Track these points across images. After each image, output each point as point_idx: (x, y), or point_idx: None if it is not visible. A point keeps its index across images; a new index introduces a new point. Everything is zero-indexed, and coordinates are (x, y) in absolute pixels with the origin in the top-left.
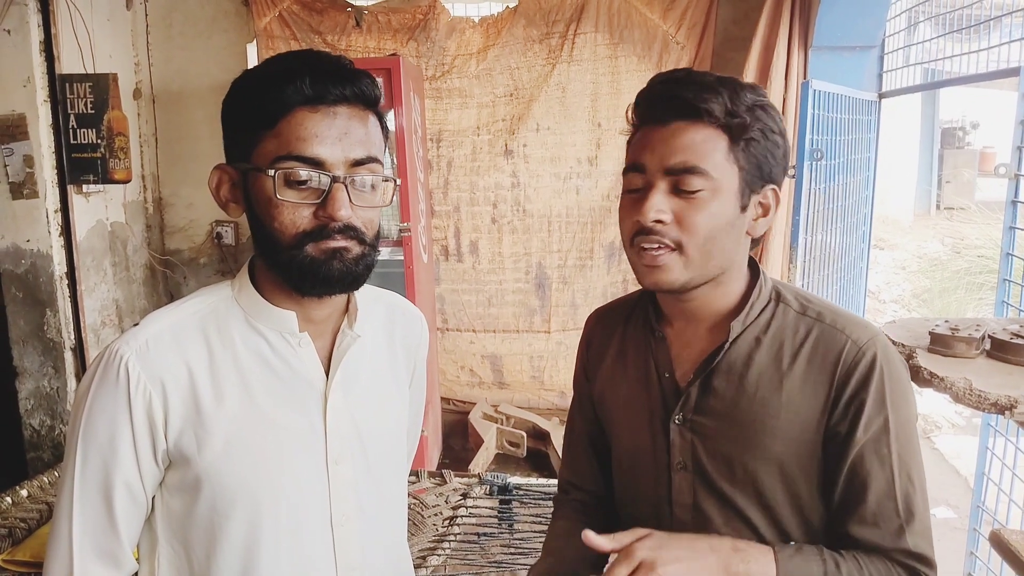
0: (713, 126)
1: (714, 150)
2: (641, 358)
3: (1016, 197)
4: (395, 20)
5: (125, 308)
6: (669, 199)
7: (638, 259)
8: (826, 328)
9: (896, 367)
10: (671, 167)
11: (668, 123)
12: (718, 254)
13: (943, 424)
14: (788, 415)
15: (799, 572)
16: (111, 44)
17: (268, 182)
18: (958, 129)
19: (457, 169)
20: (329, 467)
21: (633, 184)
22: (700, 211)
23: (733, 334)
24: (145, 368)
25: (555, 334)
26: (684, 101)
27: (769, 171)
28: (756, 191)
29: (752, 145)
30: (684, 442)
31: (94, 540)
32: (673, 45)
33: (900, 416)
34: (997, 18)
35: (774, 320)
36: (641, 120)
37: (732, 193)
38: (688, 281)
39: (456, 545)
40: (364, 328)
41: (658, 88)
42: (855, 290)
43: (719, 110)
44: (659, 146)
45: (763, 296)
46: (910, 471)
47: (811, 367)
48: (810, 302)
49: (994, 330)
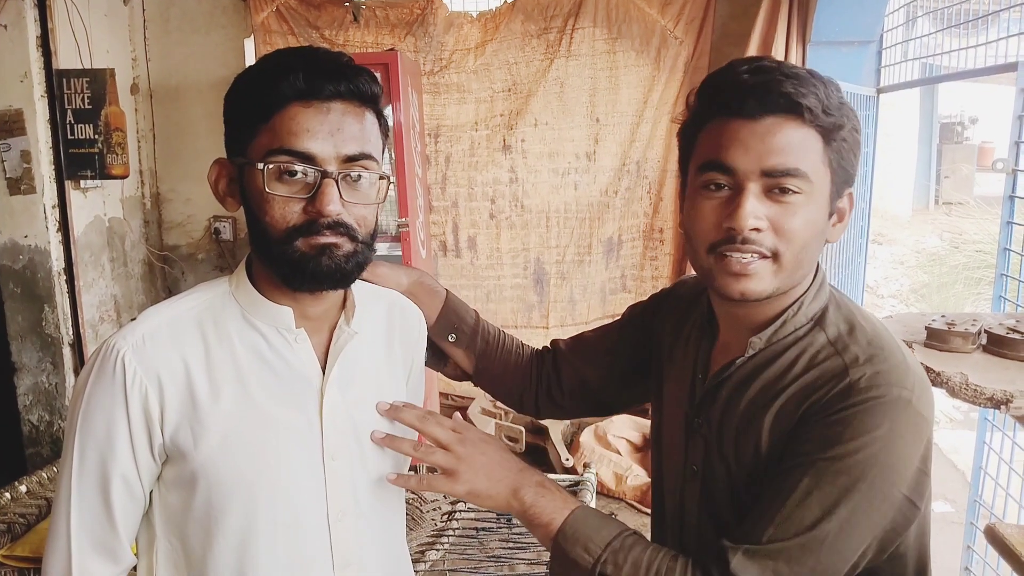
0: (810, 125)
1: (811, 151)
2: (691, 351)
3: (1014, 192)
4: (393, 15)
5: (123, 304)
6: (763, 203)
7: (720, 266)
8: (843, 364)
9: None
10: (770, 169)
11: (760, 117)
12: (807, 263)
13: (941, 419)
14: (769, 436)
15: (586, 526)
16: (108, 39)
17: (259, 175)
18: (957, 124)
19: (455, 164)
20: (326, 463)
21: (713, 185)
22: (797, 217)
23: (751, 350)
24: (141, 363)
25: (553, 329)
26: (783, 94)
27: (852, 173)
28: (841, 195)
29: (843, 146)
30: (696, 446)
31: (92, 534)
32: (671, 40)
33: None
34: (995, 13)
35: (800, 342)
36: (717, 110)
37: (825, 197)
38: (775, 291)
39: (455, 540)
40: (362, 324)
41: (747, 77)
42: (853, 285)
43: (817, 106)
44: (752, 144)
45: (802, 315)
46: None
47: (802, 393)
48: (851, 334)
49: (990, 325)
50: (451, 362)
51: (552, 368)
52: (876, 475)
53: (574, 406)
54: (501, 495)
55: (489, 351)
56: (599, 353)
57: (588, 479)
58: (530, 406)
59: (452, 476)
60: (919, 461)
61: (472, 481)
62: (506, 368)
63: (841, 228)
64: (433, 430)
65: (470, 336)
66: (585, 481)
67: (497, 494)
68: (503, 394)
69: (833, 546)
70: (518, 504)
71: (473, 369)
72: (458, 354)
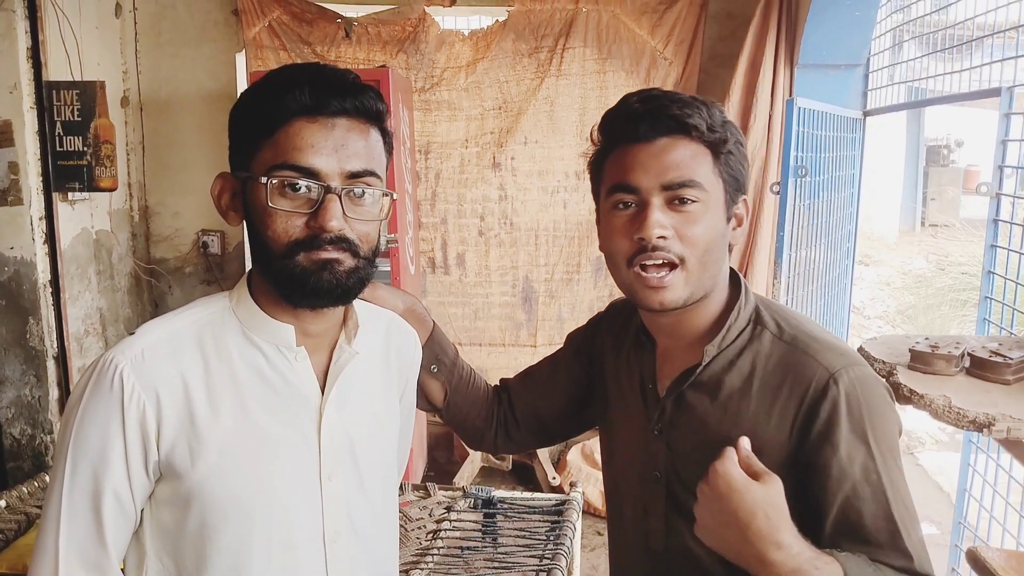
0: (699, 141)
1: (702, 164)
2: (634, 364)
3: (997, 216)
4: (385, 32)
5: (109, 317)
6: (666, 214)
7: (638, 280)
8: (798, 353)
9: (872, 393)
10: (668, 183)
11: (654, 140)
12: (712, 266)
13: (926, 440)
14: (753, 438)
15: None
16: (99, 51)
17: (262, 190)
18: (943, 147)
19: (445, 181)
20: (323, 483)
21: (621, 204)
22: (698, 223)
23: (707, 357)
24: (140, 378)
25: (541, 348)
26: (671, 117)
27: (743, 182)
28: (735, 202)
29: (730, 159)
30: (660, 454)
31: (81, 551)
32: (661, 61)
33: (883, 444)
34: (980, 39)
35: (750, 344)
36: (617, 139)
37: (720, 204)
38: (689, 297)
39: (440, 559)
40: (362, 344)
41: (638, 106)
42: (839, 306)
43: (702, 125)
44: (650, 163)
45: (742, 318)
46: (903, 497)
47: (779, 391)
48: (789, 325)
49: (974, 348)
50: (421, 391)
51: (508, 407)
52: (893, 437)
53: (529, 440)
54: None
55: (461, 386)
56: (547, 384)
57: (574, 498)
58: (488, 445)
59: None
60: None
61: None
62: (472, 406)
63: (742, 232)
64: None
65: (449, 369)
66: (571, 500)
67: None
68: (465, 430)
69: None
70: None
71: (444, 403)
72: (435, 385)
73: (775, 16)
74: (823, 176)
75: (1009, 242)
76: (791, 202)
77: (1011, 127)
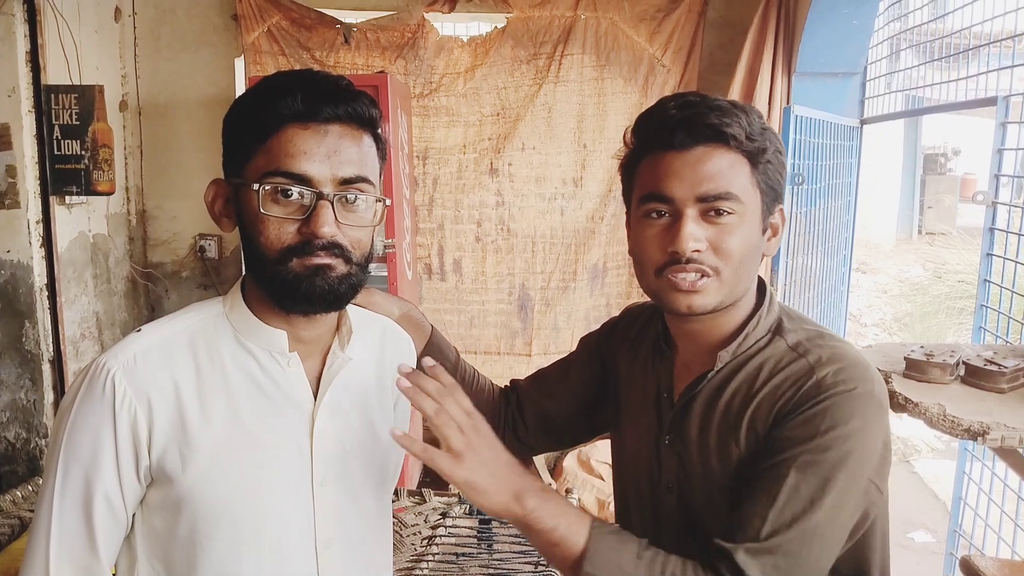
0: (737, 150)
1: (740, 175)
2: (651, 372)
3: (993, 224)
4: (384, 38)
5: (105, 321)
6: (700, 226)
7: (669, 285)
8: (808, 364)
9: (864, 413)
10: (704, 194)
11: (690, 148)
12: (746, 277)
13: (922, 448)
14: (745, 443)
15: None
16: (98, 56)
17: (255, 196)
18: (940, 155)
19: (442, 187)
20: (315, 489)
21: (654, 213)
22: (733, 236)
23: (720, 363)
24: (131, 383)
25: (536, 357)
26: (709, 125)
27: (780, 192)
28: (771, 212)
29: (768, 168)
30: (670, 464)
31: (72, 556)
32: (659, 68)
33: (831, 456)
34: (976, 48)
35: (763, 352)
36: (651, 145)
37: (756, 216)
38: (720, 304)
39: (434, 565)
40: (356, 350)
41: (675, 112)
42: (836, 313)
43: (741, 134)
44: (685, 173)
45: (761, 327)
46: (799, 511)
47: (775, 394)
48: (809, 339)
49: (968, 356)
50: None
51: (516, 408)
52: (852, 463)
53: (539, 442)
54: (501, 495)
55: (465, 389)
56: (559, 387)
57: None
58: None
59: (457, 459)
60: (882, 448)
61: (475, 471)
62: (478, 409)
63: (776, 242)
64: (451, 407)
65: (450, 373)
66: None
67: (497, 492)
68: None
69: (824, 535)
70: (520, 508)
71: None
72: None
73: (773, 24)
74: (820, 184)
75: (1005, 251)
76: (788, 209)
77: (1007, 136)
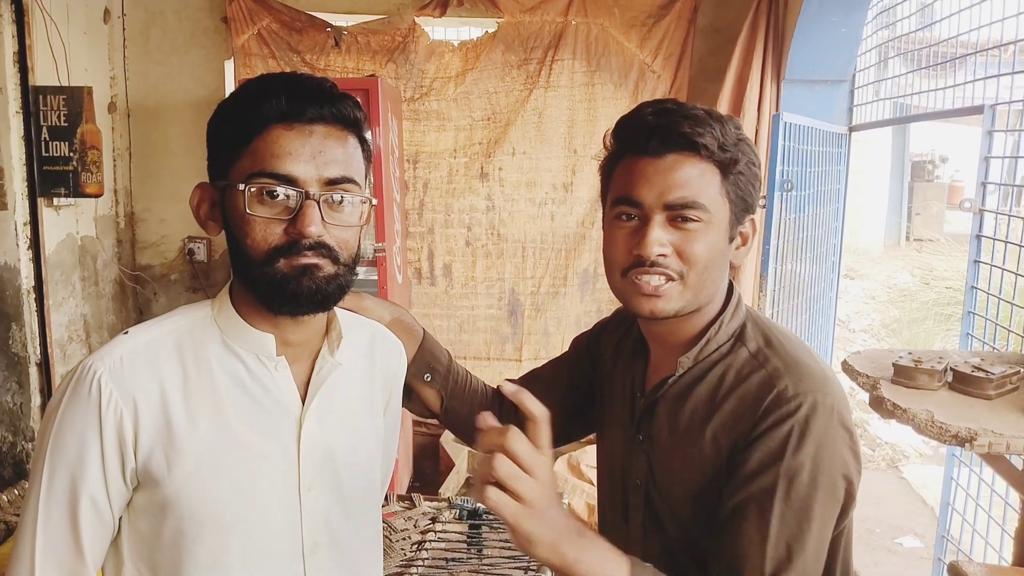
0: (708, 160)
1: (709, 184)
2: (628, 372)
3: (980, 231)
4: (374, 41)
5: (93, 323)
6: (667, 231)
7: (632, 287)
8: (767, 375)
9: (825, 426)
10: (671, 202)
11: (662, 155)
12: (710, 284)
13: (911, 453)
14: (709, 451)
15: None
16: (87, 57)
17: (241, 198)
18: (928, 162)
19: (433, 191)
20: (301, 494)
21: (624, 216)
22: (698, 243)
23: (680, 369)
24: (118, 385)
25: (526, 362)
26: (682, 134)
27: (751, 203)
28: (741, 222)
29: (739, 179)
30: (639, 462)
31: (57, 559)
32: (649, 74)
33: (804, 477)
34: (964, 57)
35: (725, 359)
36: (627, 148)
37: (724, 225)
38: (682, 308)
39: (424, 570)
40: (345, 354)
41: (651, 118)
42: (825, 319)
43: (713, 144)
44: (656, 179)
45: (723, 333)
46: (792, 539)
47: (739, 408)
48: (771, 346)
49: (956, 363)
50: (417, 399)
51: (510, 407)
52: (825, 477)
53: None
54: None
55: (458, 392)
56: (550, 385)
57: None
58: None
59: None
60: (848, 452)
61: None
62: (472, 410)
63: (745, 251)
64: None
65: (443, 376)
66: None
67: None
68: (466, 434)
69: (817, 552)
70: (562, 559)
71: (441, 409)
72: (430, 394)
73: (762, 31)
74: (809, 190)
75: (992, 258)
76: (777, 216)
77: (993, 144)
